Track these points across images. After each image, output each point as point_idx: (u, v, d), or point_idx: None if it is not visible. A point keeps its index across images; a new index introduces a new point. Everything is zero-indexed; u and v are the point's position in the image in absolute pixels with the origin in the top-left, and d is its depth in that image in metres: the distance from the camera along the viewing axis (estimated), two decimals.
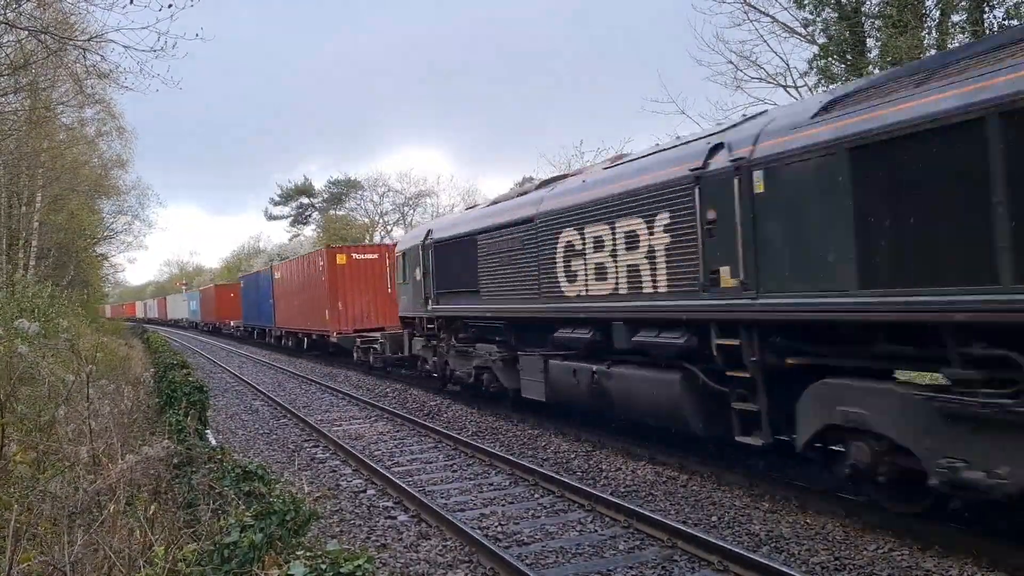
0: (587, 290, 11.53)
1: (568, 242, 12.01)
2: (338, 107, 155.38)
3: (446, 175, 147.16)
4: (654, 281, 9.99)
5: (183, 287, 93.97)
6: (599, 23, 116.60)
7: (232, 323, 54.14)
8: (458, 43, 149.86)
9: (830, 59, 24.72)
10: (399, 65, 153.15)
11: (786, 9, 24.78)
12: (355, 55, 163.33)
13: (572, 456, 11.71)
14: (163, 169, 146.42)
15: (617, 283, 10.79)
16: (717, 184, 8.79)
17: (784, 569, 6.56)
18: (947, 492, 6.78)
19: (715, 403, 9.43)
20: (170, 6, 10.85)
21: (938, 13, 22.40)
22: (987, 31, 20.53)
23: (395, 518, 9.18)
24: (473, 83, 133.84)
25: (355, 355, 26.86)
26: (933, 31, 22.57)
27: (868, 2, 24.54)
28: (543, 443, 12.75)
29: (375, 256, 28.89)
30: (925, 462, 6.74)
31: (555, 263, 12.38)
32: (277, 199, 75.91)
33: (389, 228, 63.31)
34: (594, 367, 11.57)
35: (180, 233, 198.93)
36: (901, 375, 7.89)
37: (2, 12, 14.82)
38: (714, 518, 8.42)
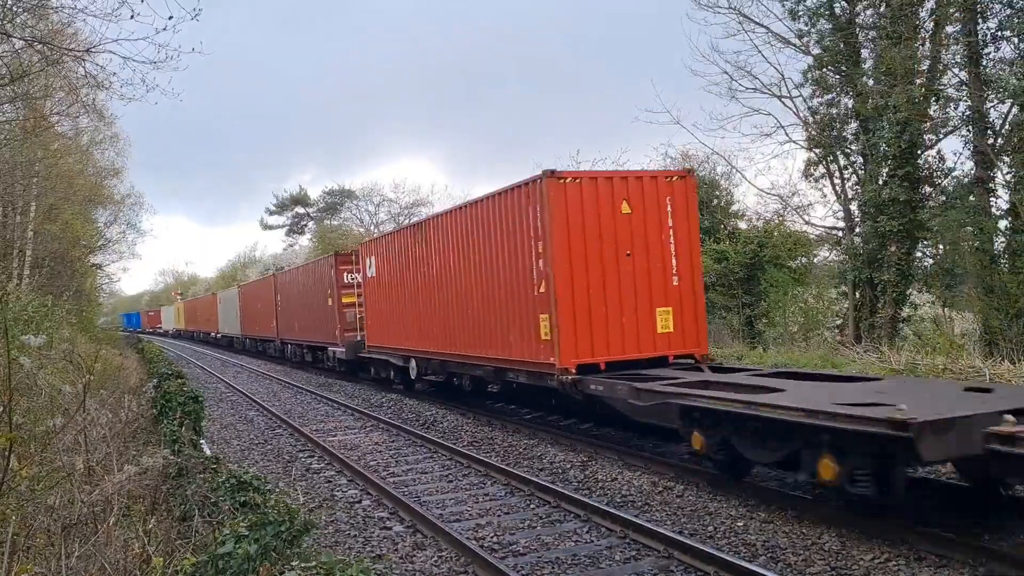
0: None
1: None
2: (331, 116, 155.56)
3: (440, 184, 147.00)
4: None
5: (178, 296, 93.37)
6: (596, 30, 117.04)
7: None
8: (452, 52, 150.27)
9: (825, 70, 24.84)
10: (393, 74, 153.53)
11: (781, 20, 24.96)
12: (348, 64, 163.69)
13: (568, 466, 11.70)
14: (153, 177, 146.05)
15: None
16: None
17: None
18: None
19: None
20: (170, 18, 10.77)
21: (932, 24, 22.54)
22: (981, 42, 20.66)
23: (390, 529, 9.16)
24: (467, 91, 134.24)
25: None
26: (927, 42, 22.70)
27: (862, 13, 24.70)
28: (539, 453, 12.73)
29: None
30: None
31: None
32: (273, 208, 75.90)
33: None
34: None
35: (172, 242, 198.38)
36: None
37: None
38: (710, 528, 8.41)
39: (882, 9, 23.35)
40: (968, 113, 21.14)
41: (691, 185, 13.64)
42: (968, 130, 21.15)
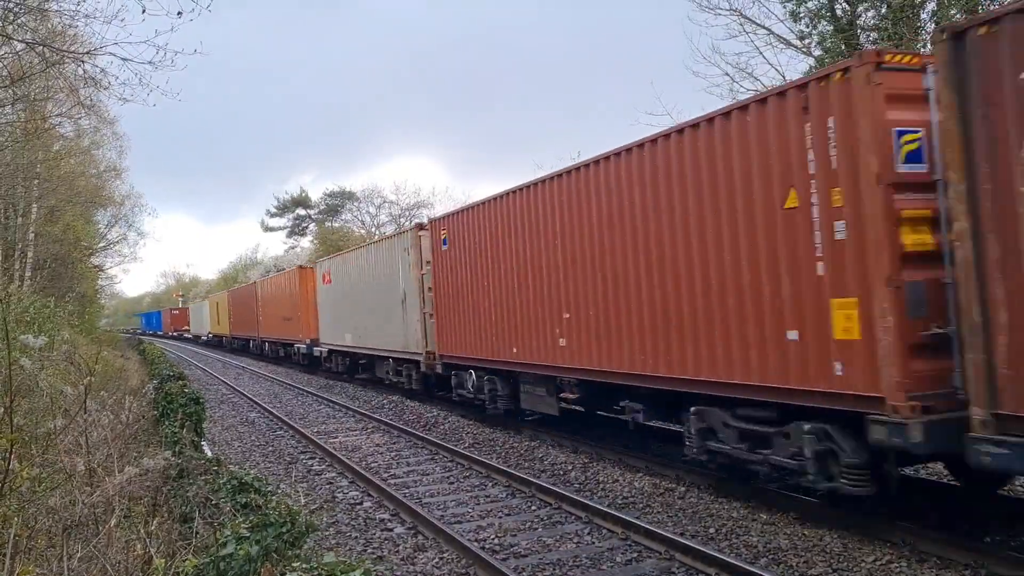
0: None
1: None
2: (332, 116, 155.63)
3: (441, 185, 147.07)
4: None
5: (179, 298, 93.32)
6: (596, 32, 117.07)
7: None
8: (453, 52, 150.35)
9: None
10: (395, 75, 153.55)
11: (782, 21, 24.97)
12: (349, 64, 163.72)
13: (569, 468, 11.69)
14: (153, 178, 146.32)
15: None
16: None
17: None
18: None
19: None
20: (179, 14, 10.71)
21: (933, 26, 22.52)
22: None
23: (391, 530, 9.15)
24: (469, 92, 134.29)
25: None
26: (928, 44, 22.69)
27: (863, 15, 24.69)
28: (540, 455, 12.72)
29: None
30: None
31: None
32: (274, 210, 75.92)
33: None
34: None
35: (173, 244, 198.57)
36: None
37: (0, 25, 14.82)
38: (712, 530, 8.40)
39: (883, 11, 23.34)
40: None
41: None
42: None
